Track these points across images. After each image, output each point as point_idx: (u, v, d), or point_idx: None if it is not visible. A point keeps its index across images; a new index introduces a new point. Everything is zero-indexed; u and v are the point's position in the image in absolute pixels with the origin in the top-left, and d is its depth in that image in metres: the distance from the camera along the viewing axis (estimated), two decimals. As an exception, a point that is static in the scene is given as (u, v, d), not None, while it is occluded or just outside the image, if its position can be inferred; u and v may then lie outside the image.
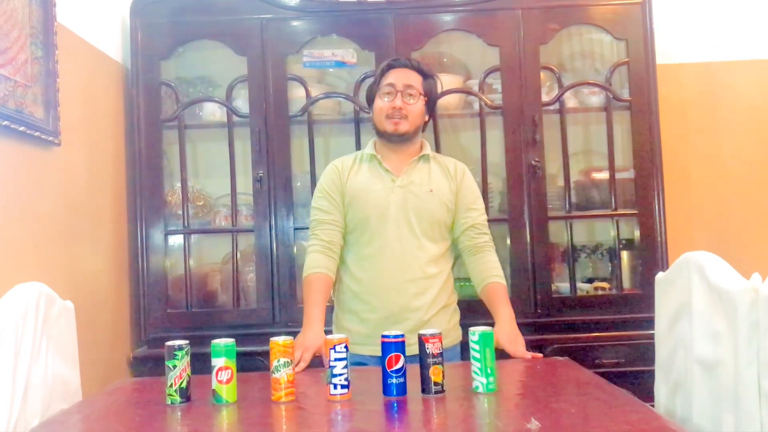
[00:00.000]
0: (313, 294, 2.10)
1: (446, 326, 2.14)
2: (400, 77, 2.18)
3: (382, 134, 2.21)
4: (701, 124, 3.19)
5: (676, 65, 3.14)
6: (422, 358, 1.65)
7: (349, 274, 2.19)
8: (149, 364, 2.69)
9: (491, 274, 2.17)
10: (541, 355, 2.10)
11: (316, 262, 2.14)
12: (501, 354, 1.81)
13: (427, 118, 2.26)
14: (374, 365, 2.04)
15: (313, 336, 2.02)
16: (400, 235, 2.14)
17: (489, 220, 2.80)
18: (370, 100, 2.27)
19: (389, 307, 2.12)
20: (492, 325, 1.94)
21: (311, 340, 2.01)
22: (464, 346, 2.17)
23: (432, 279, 2.16)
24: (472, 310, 2.33)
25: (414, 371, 1.66)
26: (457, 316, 2.25)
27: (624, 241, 2.92)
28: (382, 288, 2.13)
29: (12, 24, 2.02)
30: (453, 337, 2.19)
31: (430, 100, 2.24)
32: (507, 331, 2.07)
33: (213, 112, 2.94)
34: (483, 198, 2.80)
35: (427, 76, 2.22)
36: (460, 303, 2.29)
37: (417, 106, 2.18)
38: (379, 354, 1.71)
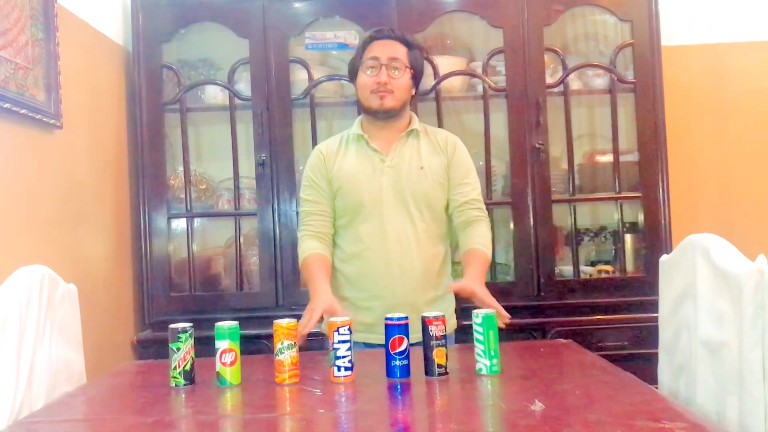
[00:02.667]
0: (314, 270, 2.03)
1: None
2: (384, 50, 2.08)
3: (367, 111, 2.12)
4: (706, 106, 3.17)
5: (681, 47, 3.12)
6: (425, 340, 1.65)
7: (343, 260, 2.13)
8: (153, 347, 2.70)
9: (474, 242, 2.06)
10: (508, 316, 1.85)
11: (310, 246, 2.08)
12: (504, 336, 1.80)
13: (413, 91, 2.17)
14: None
15: (323, 295, 1.93)
16: (395, 218, 2.07)
17: (492, 203, 2.83)
18: (353, 75, 2.16)
19: (386, 294, 2.04)
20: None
21: (320, 299, 1.92)
22: (458, 334, 2.16)
23: (430, 262, 2.09)
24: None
25: (417, 354, 1.66)
26: (454, 303, 2.16)
27: (628, 224, 2.91)
28: (380, 275, 2.06)
29: (12, 5, 2.00)
30: (449, 324, 2.13)
31: (416, 73, 2.14)
32: (474, 276, 1.94)
33: (215, 95, 2.92)
34: (487, 181, 2.82)
35: (412, 46, 2.12)
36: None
37: (403, 80, 2.08)
38: (373, 341, 1.71)
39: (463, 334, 2.04)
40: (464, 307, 1.93)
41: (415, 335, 1.68)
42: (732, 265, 1.46)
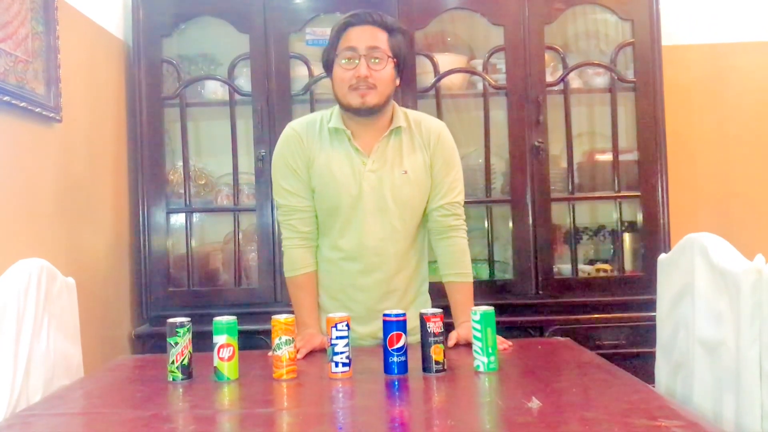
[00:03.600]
0: (305, 298, 1.95)
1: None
2: (363, 38, 1.85)
3: (347, 109, 1.89)
4: (706, 106, 3.17)
5: (681, 46, 3.12)
6: (423, 337, 1.65)
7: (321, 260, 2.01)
8: (151, 341, 2.71)
9: (456, 271, 1.97)
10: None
11: (301, 260, 1.96)
12: (502, 334, 1.80)
13: (398, 82, 1.93)
14: None
15: (309, 335, 1.90)
16: (374, 226, 1.93)
17: (491, 201, 2.84)
18: (328, 67, 1.93)
19: (356, 308, 1.93)
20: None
21: (304, 337, 1.88)
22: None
23: (407, 269, 1.99)
24: (444, 295, 2.05)
25: (415, 350, 1.66)
26: (429, 304, 2.05)
27: (626, 223, 2.91)
28: (351, 286, 1.97)
29: (12, -2, 2.00)
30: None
31: (400, 61, 1.90)
32: (466, 330, 1.81)
33: (215, 90, 2.92)
34: (486, 178, 2.82)
35: (393, 31, 1.88)
36: (431, 286, 2.10)
37: (386, 72, 1.86)
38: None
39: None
40: (443, 305, 1.90)
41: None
42: (730, 265, 1.46)
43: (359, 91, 1.85)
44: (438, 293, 2.07)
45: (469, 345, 1.74)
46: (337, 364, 1.63)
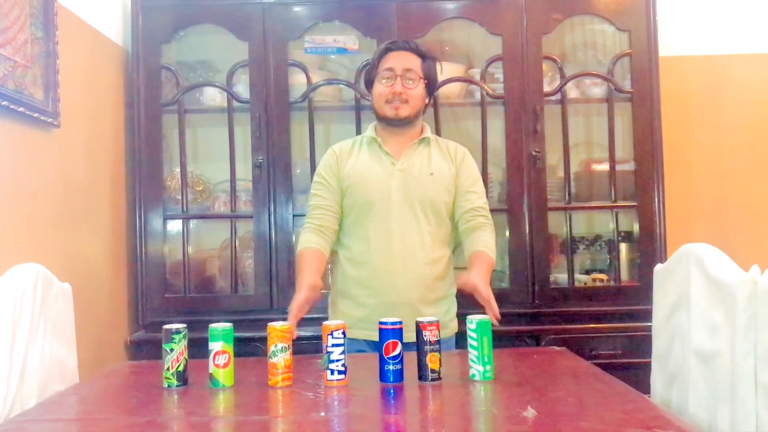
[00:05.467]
0: (306, 263, 2.05)
1: (444, 318, 2.09)
2: (399, 61, 2.15)
3: (382, 119, 2.19)
4: (703, 117, 3.18)
5: (678, 57, 3.13)
6: (419, 345, 1.65)
7: (349, 258, 2.17)
8: (147, 348, 2.70)
9: (480, 245, 2.10)
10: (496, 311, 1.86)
11: (309, 240, 2.12)
12: (498, 343, 1.80)
13: (427, 100, 2.24)
14: (367, 349, 2.05)
15: (300, 294, 1.92)
16: (402, 219, 2.12)
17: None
18: (369, 84, 2.24)
19: (389, 292, 2.09)
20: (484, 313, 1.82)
21: (297, 297, 1.91)
22: (459, 338, 2.16)
23: (433, 265, 2.13)
24: (472, 301, 2.16)
25: (411, 358, 1.66)
26: (454, 308, 2.22)
27: (623, 233, 2.92)
28: (384, 273, 2.10)
29: (12, 3, 2.01)
30: (450, 328, 2.17)
31: (430, 83, 2.21)
32: (477, 275, 1.95)
33: (213, 96, 2.92)
34: (483, 188, 2.82)
35: (426, 58, 2.19)
36: (457, 294, 2.23)
37: (417, 90, 2.16)
38: (374, 338, 1.71)
39: (464, 339, 2.03)
40: (464, 313, 1.92)
41: (410, 334, 1.69)
42: (726, 275, 1.47)
43: (393, 104, 2.14)
44: (463, 300, 2.15)
45: (470, 296, 1.89)
46: (332, 372, 1.63)
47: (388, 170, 2.16)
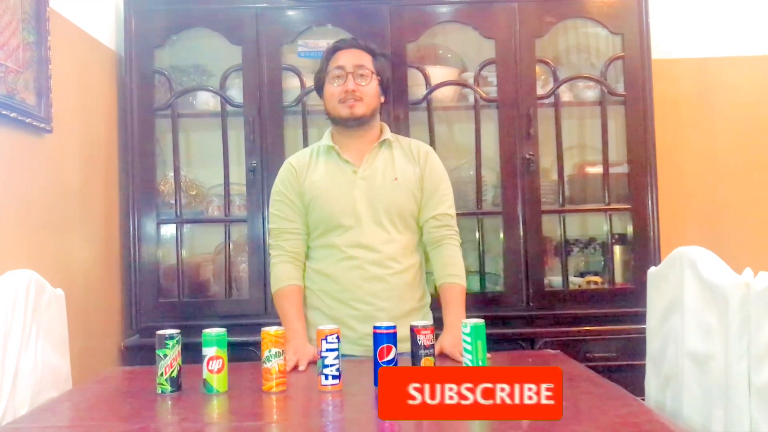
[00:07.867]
0: (293, 308, 2.02)
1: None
2: (349, 58, 2.06)
3: (337, 121, 2.08)
4: (696, 119, 3.19)
5: (671, 60, 3.14)
6: (414, 350, 1.65)
7: (316, 270, 2.09)
8: (140, 353, 2.68)
9: (447, 273, 2.05)
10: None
11: (287, 274, 2.06)
12: (492, 346, 1.80)
13: (382, 99, 2.13)
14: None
15: (297, 345, 1.92)
16: (369, 230, 2.02)
17: (482, 213, 2.84)
18: (320, 88, 2.12)
19: (358, 305, 2.01)
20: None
21: (294, 347, 1.89)
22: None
23: (405, 274, 2.05)
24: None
25: (405, 363, 1.66)
26: (429, 315, 2.12)
27: (617, 236, 2.92)
28: (352, 285, 2.02)
29: (4, 8, 2.00)
30: None
31: (384, 79, 2.12)
32: (451, 338, 1.91)
33: (207, 101, 2.92)
34: (477, 191, 2.83)
35: (376, 54, 2.11)
36: (431, 298, 2.16)
37: (371, 87, 2.06)
38: (344, 351, 1.69)
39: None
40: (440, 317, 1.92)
41: (402, 345, 1.68)
42: (719, 278, 1.47)
43: (347, 103, 2.04)
44: (437, 304, 2.10)
45: (450, 358, 1.81)
46: (327, 377, 1.62)
47: (350, 179, 2.06)
